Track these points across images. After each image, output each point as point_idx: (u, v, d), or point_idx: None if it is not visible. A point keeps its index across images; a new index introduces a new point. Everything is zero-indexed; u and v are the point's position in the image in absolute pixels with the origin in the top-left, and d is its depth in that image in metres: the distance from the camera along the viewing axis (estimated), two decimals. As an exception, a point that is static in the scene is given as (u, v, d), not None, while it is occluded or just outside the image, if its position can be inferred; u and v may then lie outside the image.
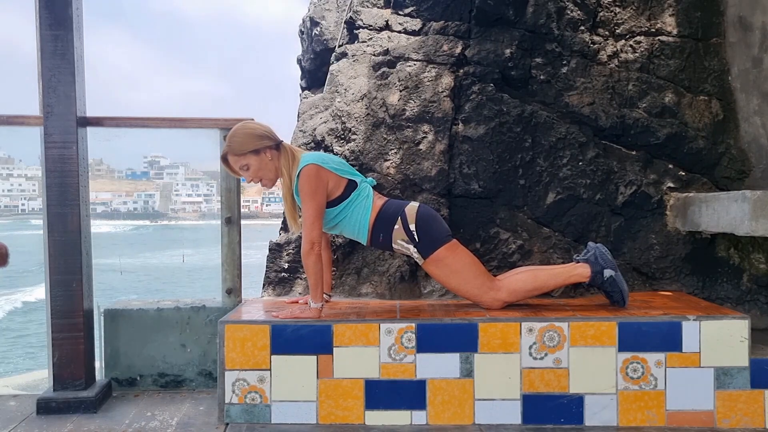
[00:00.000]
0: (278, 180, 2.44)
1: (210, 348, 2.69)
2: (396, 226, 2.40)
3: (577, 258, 2.49)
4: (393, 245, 2.43)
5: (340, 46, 3.07)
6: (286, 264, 2.86)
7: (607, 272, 2.38)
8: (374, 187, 2.55)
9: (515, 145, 2.81)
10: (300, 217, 2.39)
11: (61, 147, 2.43)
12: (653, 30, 2.94)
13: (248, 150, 2.35)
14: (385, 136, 2.85)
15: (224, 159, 2.43)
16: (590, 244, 2.50)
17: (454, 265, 2.39)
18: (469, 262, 2.42)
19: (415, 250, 2.41)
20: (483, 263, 2.51)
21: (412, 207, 2.43)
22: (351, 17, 3.04)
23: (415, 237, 2.39)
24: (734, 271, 2.82)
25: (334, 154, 2.87)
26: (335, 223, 2.44)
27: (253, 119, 2.60)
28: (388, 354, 2.24)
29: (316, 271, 2.31)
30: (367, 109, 2.88)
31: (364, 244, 2.51)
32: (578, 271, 2.42)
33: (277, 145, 2.40)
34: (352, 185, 2.42)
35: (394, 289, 2.79)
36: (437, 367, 2.23)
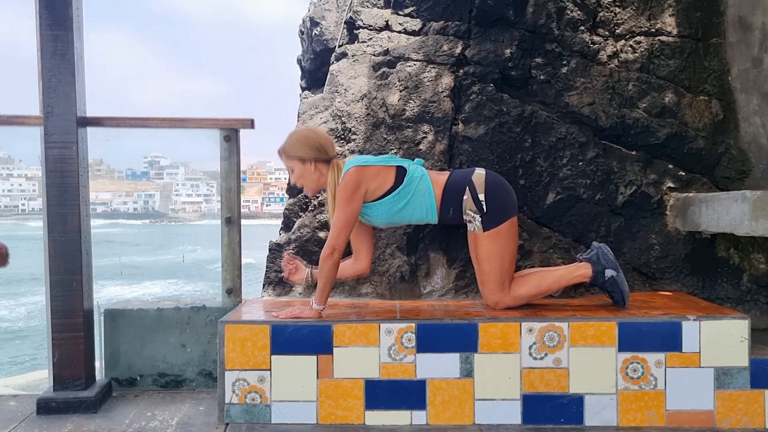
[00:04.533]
0: (320, 190, 2.48)
1: (210, 348, 2.69)
2: (465, 197, 2.36)
3: (581, 257, 2.49)
4: (464, 217, 2.39)
5: (340, 46, 3.07)
6: (286, 264, 2.86)
7: (609, 272, 2.38)
8: None
9: (515, 145, 2.81)
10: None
11: (61, 147, 2.43)
12: (653, 30, 2.94)
13: (295, 156, 2.39)
14: (385, 136, 2.85)
15: (279, 153, 2.46)
16: (594, 243, 2.50)
17: (504, 247, 2.37)
18: (514, 251, 2.42)
19: (480, 220, 2.36)
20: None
21: (479, 175, 2.39)
22: (351, 17, 3.04)
23: (484, 207, 2.35)
24: (734, 271, 2.82)
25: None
26: (399, 209, 2.36)
27: (252, 119, 2.63)
28: (388, 354, 2.24)
29: (330, 276, 2.30)
30: (367, 109, 2.88)
31: (435, 223, 2.46)
32: (581, 272, 2.43)
33: (329, 160, 2.40)
34: (402, 172, 2.38)
35: (394, 289, 2.79)
36: (437, 367, 2.23)
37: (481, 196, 2.35)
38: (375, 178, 2.34)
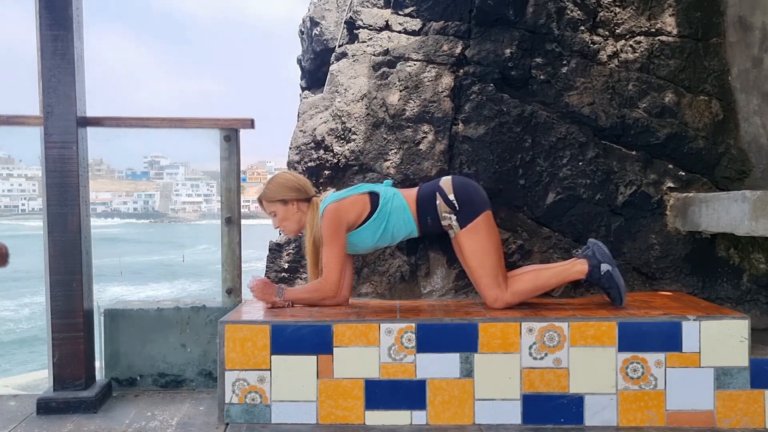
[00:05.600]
0: (301, 230, 2.54)
1: (210, 348, 2.69)
2: (438, 202, 2.44)
3: (577, 253, 2.50)
4: (442, 222, 2.45)
5: (340, 46, 3.07)
6: (286, 264, 2.86)
7: (604, 267, 2.39)
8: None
9: (515, 145, 2.81)
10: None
11: (61, 147, 2.43)
12: (653, 30, 2.94)
13: (277, 199, 2.48)
14: (385, 136, 2.85)
15: (259, 201, 2.54)
16: (590, 240, 2.51)
17: (486, 241, 2.42)
18: (498, 245, 2.47)
19: (455, 218, 2.43)
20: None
21: (446, 180, 2.49)
22: (351, 17, 3.04)
23: (456, 205, 2.42)
24: (734, 271, 2.82)
25: (333, 154, 2.87)
26: (382, 231, 2.45)
27: (252, 119, 2.65)
28: (388, 354, 2.24)
29: (316, 301, 2.42)
30: (367, 109, 2.88)
31: (417, 236, 2.54)
32: (577, 268, 2.44)
33: (309, 199, 2.49)
34: (375, 196, 2.46)
35: (394, 289, 2.79)
36: (437, 367, 2.23)
37: (451, 196, 2.43)
38: (353, 207, 2.43)
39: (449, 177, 2.52)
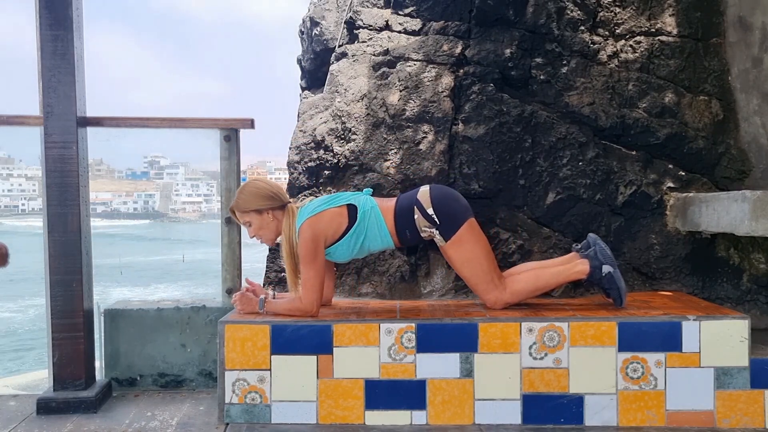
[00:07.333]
0: (278, 238, 2.46)
1: (210, 348, 2.69)
2: (416, 216, 2.39)
3: (576, 248, 2.49)
4: (422, 234, 2.42)
5: (340, 46, 3.07)
6: (286, 264, 2.86)
7: (606, 268, 2.38)
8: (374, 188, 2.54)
9: (515, 145, 2.81)
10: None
11: (61, 147, 2.43)
12: (653, 30, 2.94)
13: (251, 209, 2.40)
14: (385, 136, 2.85)
15: (232, 211, 2.48)
16: (590, 236, 2.49)
17: (473, 249, 2.38)
18: (486, 249, 2.43)
19: (438, 232, 2.39)
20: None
21: (423, 192, 2.43)
22: (351, 17, 3.04)
23: (436, 220, 2.37)
24: (734, 271, 2.82)
25: (333, 154, 2.86)
26: (360, 245, 2.40)
27: (252, 119, 2.64)
28: (388, 354, 2.24)
29: (291, 315, 2.32)
30: (367, 109, 2.88)
31: (394, 248, 2.50)
32: (578, 268, 2.43)
33: (283, 206, 2.42)
34: (353, 208, 2.40)
35: (394, 289, 2.79)
36: (437, 367, 2.23)
37: (430, 210, 2.38)
38: (330, 223, 2.36)
39: (427, 188, 2.45)
